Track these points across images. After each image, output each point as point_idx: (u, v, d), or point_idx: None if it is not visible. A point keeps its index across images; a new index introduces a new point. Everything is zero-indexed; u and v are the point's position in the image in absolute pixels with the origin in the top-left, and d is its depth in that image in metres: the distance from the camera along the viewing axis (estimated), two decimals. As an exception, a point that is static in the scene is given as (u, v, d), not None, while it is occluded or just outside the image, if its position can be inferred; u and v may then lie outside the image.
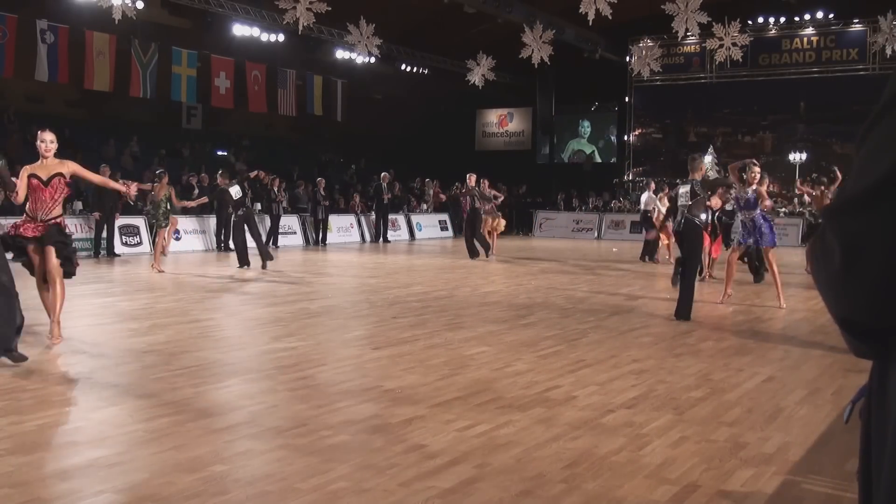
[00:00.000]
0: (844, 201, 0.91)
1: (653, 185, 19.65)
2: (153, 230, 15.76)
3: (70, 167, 7.25)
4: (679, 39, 22.99)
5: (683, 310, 9.16)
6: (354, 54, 22.91)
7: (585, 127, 32.61)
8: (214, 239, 19.43)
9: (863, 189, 0.88)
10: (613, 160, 31.89)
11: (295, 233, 21.89)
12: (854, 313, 0.92)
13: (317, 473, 3.95)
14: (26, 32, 18.64)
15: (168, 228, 15.42)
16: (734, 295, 11.01)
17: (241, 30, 22.34)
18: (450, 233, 26.87)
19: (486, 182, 18.24)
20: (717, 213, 13.13)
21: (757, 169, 10.52)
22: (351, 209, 24.22)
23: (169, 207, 14.70)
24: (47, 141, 6.97)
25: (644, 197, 18.63)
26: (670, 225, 13.38)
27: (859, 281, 0.89)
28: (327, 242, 21.86)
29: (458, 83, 25.37)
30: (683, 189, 9.48)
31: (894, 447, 0.91)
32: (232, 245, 14.85)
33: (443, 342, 7.60)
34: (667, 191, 21.01)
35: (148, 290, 11.53)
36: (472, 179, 17.59)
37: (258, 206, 20.68)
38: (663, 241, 16.00)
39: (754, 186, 10.43)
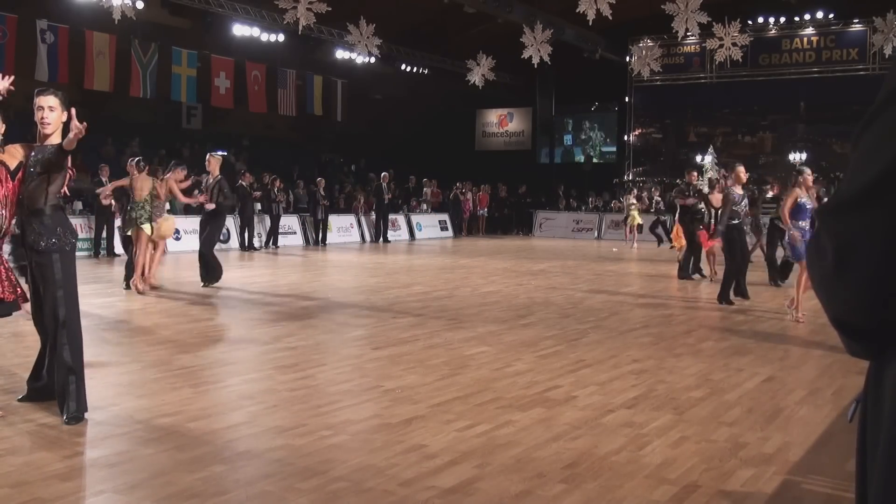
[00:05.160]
0: (838, 202, 0.92)
1: (635, 192, 20.53)
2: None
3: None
4: (679, 39, 22.99)
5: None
6: (354, 54, 22.90)
7: (587, 130, 32.69)
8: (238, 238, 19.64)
9: (856, 190, 0.89)
10: (612, 158, 31.93)
11: (295, 233, 21.89)
12: (846, 313, 0.93)
13: (317, 473, 3.95)
14: (26, 32, 18.64)
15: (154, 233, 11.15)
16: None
17: (241, 30, 22.34)
18: (450, 233, 26.87)
19: (180, 172, 11.86)
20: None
21: (808, 170, 9.60)
22: (354, 210, 24.23)
23: (150, 207, 10.99)
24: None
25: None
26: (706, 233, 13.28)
27: (851, 281, 0.89)
28: (327, 242, 21.86)
29: (458, 83, 25.36)
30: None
31: (887, 447, 0.91)
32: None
33: (443, 342, 7.60)
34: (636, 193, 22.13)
35: (148, 290, 11.51)
36: (215, 165, 12.40)
37: (258, 205, 20.71)
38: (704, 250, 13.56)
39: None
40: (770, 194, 14.49)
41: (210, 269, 11.84)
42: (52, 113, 4.84)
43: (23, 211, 4.89)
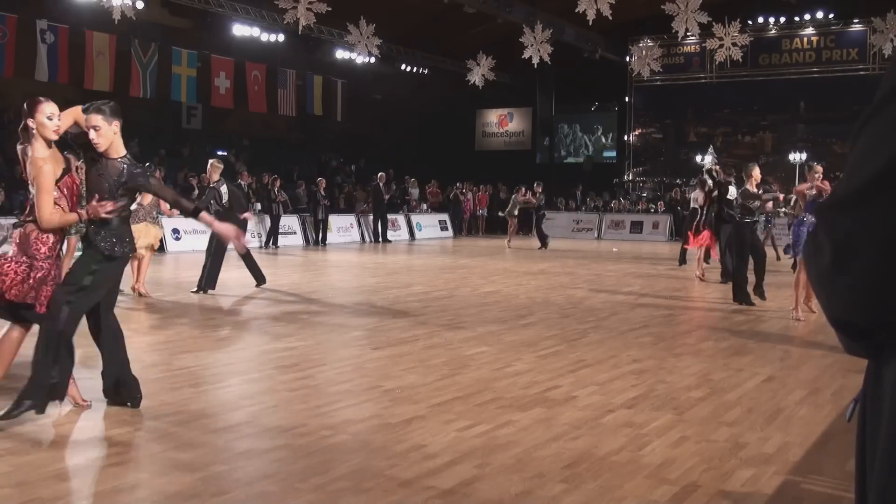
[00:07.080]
0: (836, 200, 0.91)
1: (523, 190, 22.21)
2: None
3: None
4: (679, 39, 23.00)
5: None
6: (354, 54, 22.90)
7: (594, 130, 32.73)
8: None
9: (854, 188, 0.88)
10: (613, 158, 31.95)
11: (295, 233, 21.89)
12: (845, 312, 0.92)
13: (317, 473, 3.95)
14: (26, 32, 18.64)
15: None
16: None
17: (241, 30, 22.34)
18: (450, 233, 26.88)
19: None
20: (704, 208, 13.23)
21: (819, 167, 9.32)
22: (359, 213, 24.22)
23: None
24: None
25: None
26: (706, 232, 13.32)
27: (849, 280, 0.89)
28: (327, 242, 21.86)
29: (458, 83, 25.37)
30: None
31: (886, 446, 0.91)
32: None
33: (443, 342, 7.60)
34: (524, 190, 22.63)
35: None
36: (211, 172, 11.21)
37: (258, 205, 20.70)
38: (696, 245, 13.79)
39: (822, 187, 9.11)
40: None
41: (211, 276, 11.31)
42: (95, 132, 4.81)
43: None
